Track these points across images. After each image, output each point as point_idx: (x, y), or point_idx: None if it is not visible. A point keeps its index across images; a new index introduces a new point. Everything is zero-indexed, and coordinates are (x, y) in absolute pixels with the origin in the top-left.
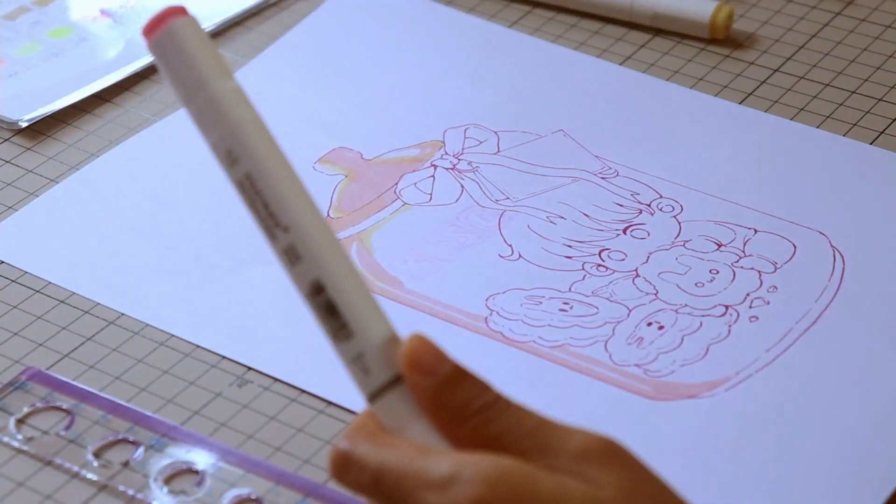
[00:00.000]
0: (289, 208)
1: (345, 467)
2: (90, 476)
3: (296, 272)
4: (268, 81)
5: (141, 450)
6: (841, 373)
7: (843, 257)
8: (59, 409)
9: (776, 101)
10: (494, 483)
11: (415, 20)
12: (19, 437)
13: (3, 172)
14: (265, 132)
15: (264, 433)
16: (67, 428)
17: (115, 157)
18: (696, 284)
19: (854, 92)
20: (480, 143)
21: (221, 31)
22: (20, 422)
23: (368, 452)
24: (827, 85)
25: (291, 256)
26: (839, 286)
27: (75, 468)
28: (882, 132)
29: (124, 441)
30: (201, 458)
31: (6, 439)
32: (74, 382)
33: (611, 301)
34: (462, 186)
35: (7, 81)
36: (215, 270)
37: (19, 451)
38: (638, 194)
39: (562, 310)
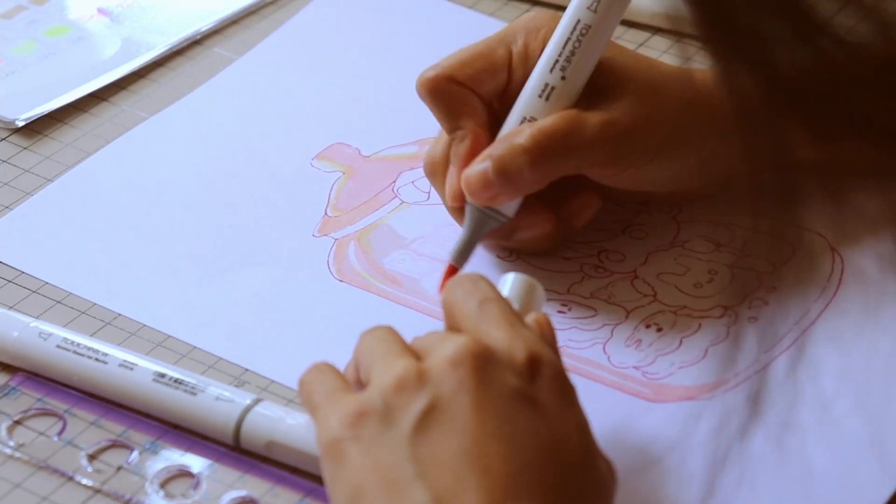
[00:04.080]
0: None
1: None
2: (84, 481)
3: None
4: (265, 75)
5: (135, 453)
6: (840, 373)
7: (841, 259)
8: (51, 413)
9: None
10: None
11: (414, 14)
12: (11, 443)
13: None
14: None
15: None
16: (60, 433)
17: (109, 154)
18: (694, 285)
19: None
20: None
21: (219, 30)
22: (11, 427)
23: None
24: None
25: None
26: (837, 287)
27: (69, 473)
28: None
29: (118, 445)
30: (197, 461)
31: None
32: (66, 387)
33: (609, 303)
34: None
35: (4, 80)
36: (213, 270)
37: (11, 456)
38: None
39: (560, 311)
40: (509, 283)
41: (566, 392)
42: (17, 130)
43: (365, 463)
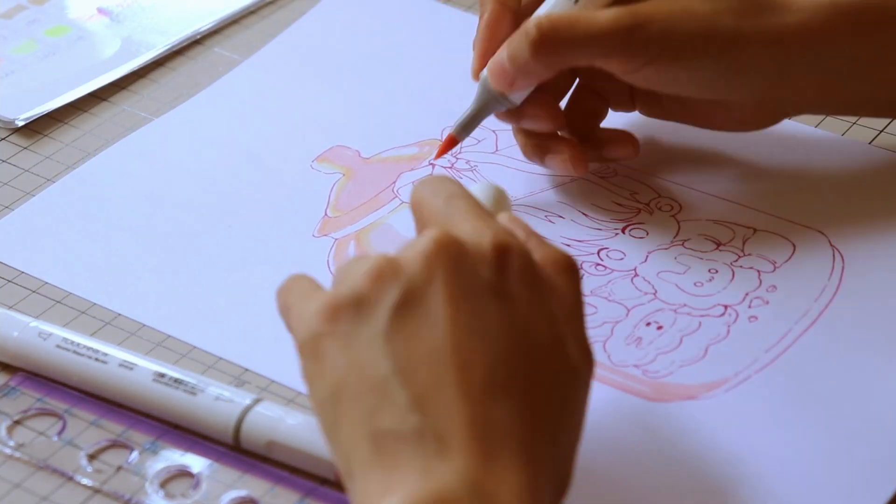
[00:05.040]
0: None
1: None
2: (84, 481)
3: None
4: (265, 79)
5: (135, 453)
6: (840, 372)
7: (842, 256)
8: (50, 413)
9: None
10: None
11: (413, 18)
12: (11, 443)
13: None
14: None
15: None
16: (60, 433)
17: (111, 155)
18: (694, 284)
19: None
20: (479, 141)
21: (219, 30)
22: (11, 427)
23: None
24: None
25: None
26: (839, 285)
27: (69, 473)
28: (881, 131)
29: (118, 445)
30: (196, 461)
31: None
32: (65, 387)
33: (609, 301)
34: None
35: (3, 80)
36: (213, 271)
37: (11, 456)
38: (636, 193)
39: None
40: (476, 190)
41: (535, 283)
42: (17, 130)
43: (343, 360)
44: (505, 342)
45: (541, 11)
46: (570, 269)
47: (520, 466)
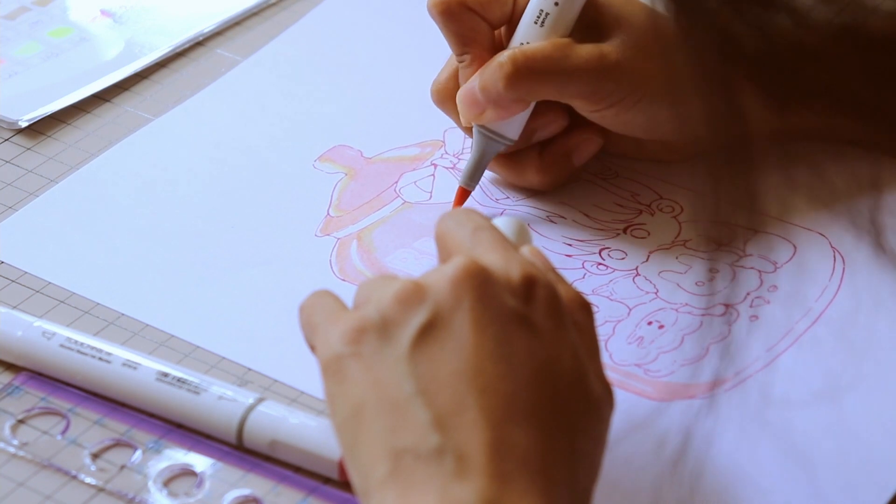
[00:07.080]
0: None
1: None
2: (87, 479)
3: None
4: (268, 78)
5: (139, 452)
6: (840, 372)
7: (842, 258)
8: (54, 412)
9: None
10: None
11: (416, 18)
12: (15, 441)
13: (2, 172)
14: None
15: None
16: (63, 432)
17: (114, 156)
18: (696, 283)
19: None
20: None
21: (221, 31)
22: (15, 426)
23: None
24: None
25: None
26: (839, 286)
27: (72, 472)
28: None
29: (121, 444)
30: (200, 460)
31: (1, 444)
32: (69, 386)
33: (611, 300)
34: None
35: (7, 81)
36: (215, 270)
37: (15, 455)
38: (638, 195)
39: None
40: (499, 224)
41: (560, 314)
42: (21, 131)
43: (365, 380)
44: (529, 369)
45: (514, 42)
46: (587, 307)
47: (537, 492)
